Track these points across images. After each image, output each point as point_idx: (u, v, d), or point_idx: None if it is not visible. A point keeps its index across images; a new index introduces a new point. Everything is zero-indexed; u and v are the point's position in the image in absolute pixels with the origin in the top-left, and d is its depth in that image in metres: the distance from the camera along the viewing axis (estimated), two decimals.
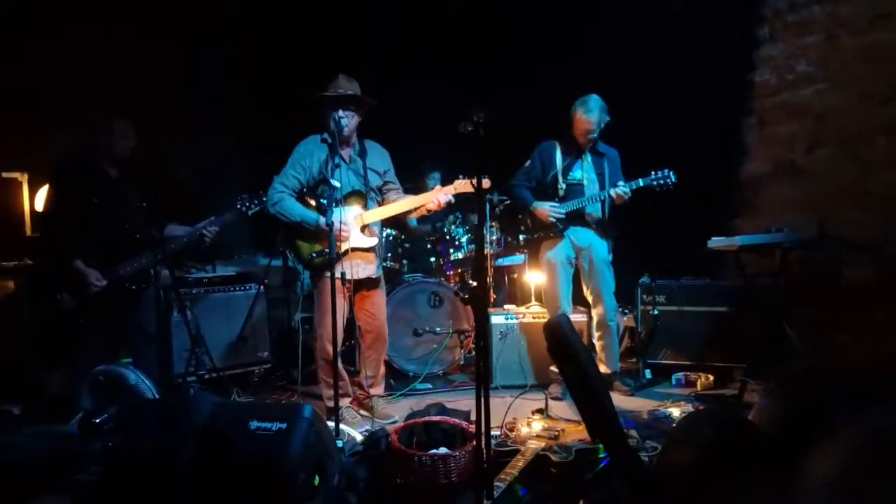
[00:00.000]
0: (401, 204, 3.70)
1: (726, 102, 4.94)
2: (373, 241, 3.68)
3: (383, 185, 3.83)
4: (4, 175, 4.44)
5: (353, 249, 3.59)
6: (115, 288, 3.57)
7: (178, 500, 2.38)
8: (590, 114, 3.96)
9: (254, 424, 2.43)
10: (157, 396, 3.29)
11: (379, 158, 3.81)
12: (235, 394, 4.19)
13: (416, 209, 3.75)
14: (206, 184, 5.06)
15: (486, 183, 3.46)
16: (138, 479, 2.43)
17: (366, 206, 3.69)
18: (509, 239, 4.82)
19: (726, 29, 4.85)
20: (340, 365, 3.68)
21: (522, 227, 4.28)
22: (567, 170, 4.12)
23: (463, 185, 3.57)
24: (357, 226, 3.64)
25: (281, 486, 2.30)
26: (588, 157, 4.14)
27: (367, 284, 3.76)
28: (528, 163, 4.26)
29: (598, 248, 4.14)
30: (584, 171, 4.12)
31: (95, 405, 3.16)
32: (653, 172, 3.90)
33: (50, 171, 3.77)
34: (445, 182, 3.71)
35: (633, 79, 4.55)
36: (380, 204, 3.81)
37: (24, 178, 4.53)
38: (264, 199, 3.80)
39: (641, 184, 3.93)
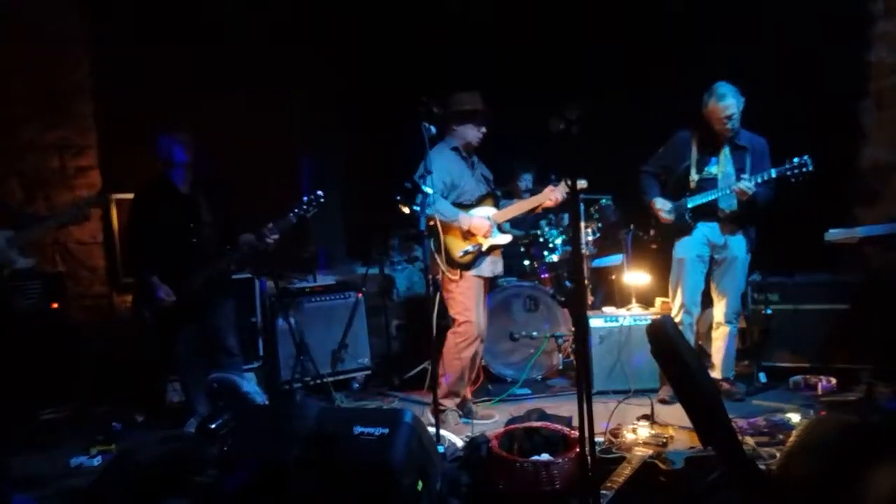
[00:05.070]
0: (524, 204, 3.94)
1: (840, 85, 4.59)
2: (508, 238, 3.88)
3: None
4: (122, 196, 4.71)
5: (493, 247, 3.79)
6: (186, 301, 3.67)
7: (290, 502, 2.46)
8: (724, 100, 3.71)
9: (357, 429, 2.48)
10: (266, 402, 3.43)
11: (485, 167, 4.06)
12: (339, 399, 4.30)
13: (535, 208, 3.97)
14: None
15: (582, 184, 3.50)
16: (253, 481, 2.53)
17: (497, 207, 3.87)
18: (640, 234, 4.63)
19: (836, 7, 4.52)
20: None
21: (653, 221, 4.12)
22: (703, 163, 3.90)
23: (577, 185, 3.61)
24: (494, 224, 3.80)
25: (385, 490, 2.33)
26: (726, 151, 3.86)
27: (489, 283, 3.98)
28: (661, 149, 4.08)
29: (735, 245, 3.91)
30: (720, 167, 3.85)
31: (211, 411, 3.34)
32: (787, 161, 3.58)
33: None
34: (538, 182, 3.72)
35: (741, 65, 4.30)
36: None
37: None
38: (322, 201, 3.80)
39: (774, 174, 3.61)
